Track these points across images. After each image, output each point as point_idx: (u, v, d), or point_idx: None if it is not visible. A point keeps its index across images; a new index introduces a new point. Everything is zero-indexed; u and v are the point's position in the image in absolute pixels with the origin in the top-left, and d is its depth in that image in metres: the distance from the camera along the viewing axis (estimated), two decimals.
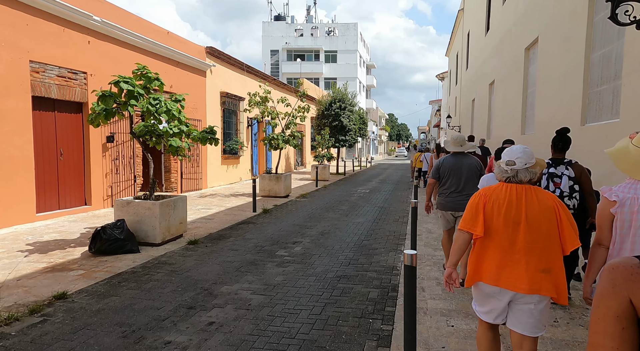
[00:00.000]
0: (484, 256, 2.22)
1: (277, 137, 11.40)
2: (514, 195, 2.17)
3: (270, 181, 11.50)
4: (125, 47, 9.73)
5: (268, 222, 8.00)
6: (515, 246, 2.13)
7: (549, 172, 3.61)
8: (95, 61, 8.71)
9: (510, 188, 2.19)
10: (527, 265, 2.09)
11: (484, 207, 2.21)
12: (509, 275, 2.12)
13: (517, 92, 9.65)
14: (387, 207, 10.06)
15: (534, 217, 2.10)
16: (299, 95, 11.79)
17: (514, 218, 2.13)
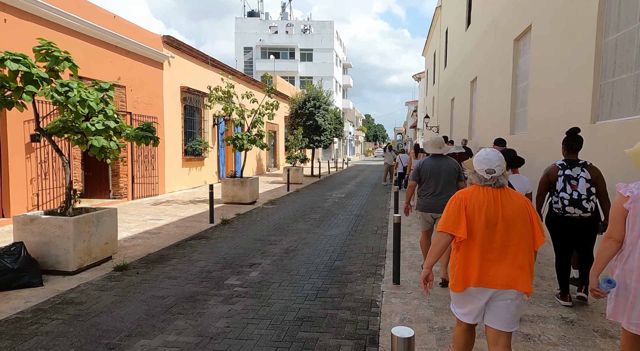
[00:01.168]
0: (469, 259, 2.27)
1: (242, 137, 10.17)
2: (491, 196, 2.27)
3: (234, 186, 10.26)
4: (59, 30, 8.28)
5: (225, 236, 6.78)
6: (492, 245, 2.22)
7: (565, 174, 3.48)
8: (15, 45, 7.24)
9: (487, 191, 2.29)
10: (504, 262, 2.20)
11: (465, 209, 2.28)
12: (487, 273, 2.21)
13: (504, 88, 8.81)
14: (364, 215, 9.02)
15: (510, 216, 2.21)
16: (267, 91, 10.61)
17: (492, 219, 2.23)
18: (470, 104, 13.15)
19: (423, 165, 4.59)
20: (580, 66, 5.25)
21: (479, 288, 2.23)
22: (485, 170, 2.28)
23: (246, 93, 10.28)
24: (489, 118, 10.26)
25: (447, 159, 4.61)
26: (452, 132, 17.47)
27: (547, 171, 3.69)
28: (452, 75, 17.50)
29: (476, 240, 2.24)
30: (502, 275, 2.19)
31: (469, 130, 13.28)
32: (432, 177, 4.50)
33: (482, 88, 11.22)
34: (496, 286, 2.20)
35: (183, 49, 12.84)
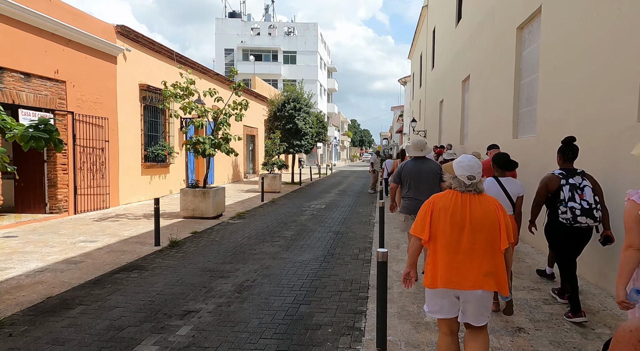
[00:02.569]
0: (436, 260, 2.37)
1: (204, 141, 8.76)
2: (459, 201, 2.35)
3: (194, 197, 8.83)
4: None
5: (167, 264, 5.37)
6: (460, 247, 2.30)
7: (569, 183, 3.40)
8: None
9: (456, 195, 2.37)
10: (471, 265, 2.28)
11: (432, 213, 2.40)
12: (455, 275, 2.28)
13: (504, 85, 7.66)
14: (345, 233, 7.71)
15: (477, 220, 2.29)
16: (233, 88, 9.24)
17: (458, 223, 2.31)
18: (462, 106, 12.03)
19: (404, 167, 4.65)
20: (619, 48, 4.06)
21: (447, 289, 2.32)
22: (467, 176, 2.34)
23: (209, 91, 8.89)
24: (485, 120, 9.11)
25: (429, 161, 4.66)
26: (441, 136, 16.38)
27: (546, 181, 3.60)
28: (440, 76, 16.45)
29: (442, 242, 2.35)
30: (470, 277, 2.27)
31: (460, 134, 12.15)
32: (414, 179, 4.56)
33: (476, 88, 10.10)
34: (464, 287, 2.27)
35: (142, 42, 11.39)
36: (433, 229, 2.38)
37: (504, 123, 7.64)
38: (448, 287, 2.30)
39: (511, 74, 7.27)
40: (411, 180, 4.58)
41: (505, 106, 7.63)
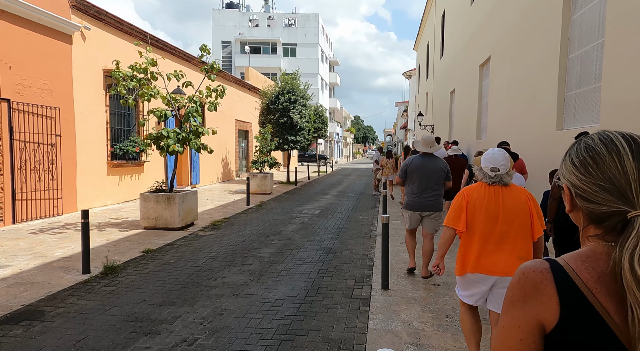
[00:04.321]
0: (469, 248, 2.52)
1: (168, 135, 7.16)
2: (492, 192, 2.47)
3: (156, 204, 7.23)
4: None
5: (80, 308, 3.78)
6: (492, 236, 2.43)
7: None
8: None
9: (489, 188, 2.49)
10: (502, 252, 2.40)
11: (467, 205, 2.52)
12: (486, 262, 2.43)
13: (543, 62, 6.00)
14: (339, 250, 6.10)
15: (510, 210, 2.40)
16: (205, 71, 7.61)
17: (492, 213, 2.43)
18: (479, 94, 10.35)
19: (411, 163, 4.57)
20: None
21: (478, 274, 2.46)
22: (490, 168, 2.44)
23: (175, 73, 7.27)
24: (512, 109, 7.44)
25: (436, 159, 4.60)
26: (451, 131, 14.70)
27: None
28: (450, 64, 14.75)
29: (476, 232, 2.48)
30: (501, 264, 2.39)
31: (476, 128, 10.48)
32: (419, 176, 4.51)
33: (499, 71, 8.42)
34: (495, 274, 2.41)
35: (107, 21, 9.77)
36: (469, 220, 2.51)
37: (543, 111, 5.98)
38: (478, 272, 2.44)
39: (554, 46, 5.60)
40: (417, 176, 4.51)
41: (543, 90, 5.97)
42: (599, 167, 0.78)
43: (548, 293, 0.76)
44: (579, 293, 0.74)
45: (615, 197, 0.76)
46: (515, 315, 0.79)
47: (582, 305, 0.74)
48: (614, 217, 0.76)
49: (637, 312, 0.68)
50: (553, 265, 0.79)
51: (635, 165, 0.75)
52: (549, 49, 5.80)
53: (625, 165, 0.75)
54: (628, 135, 0.79)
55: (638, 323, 0.68)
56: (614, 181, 0.76)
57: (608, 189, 0.76)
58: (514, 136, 7.22)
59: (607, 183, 0.77)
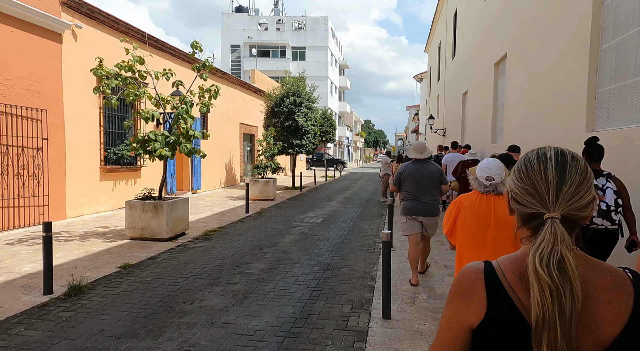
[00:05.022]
0: (461, 255, 2.61)
1: (156, 138, 6.64)
2: (484, 201, 2.53)
3: (143, 213, 6.70)
4: None
5: (22, 342, 3.22)
6: (485, 244, 2.47)
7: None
8: None
9: (481, 196, 2.56)
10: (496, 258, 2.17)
11: (457, 213, 2.63)
12: None
13: (569, 55, 5.32)
14: (337, 266, 5.46)
15: (501, 219, 2.42)
16: (196, 69, 7.07)
17: (484, 221, 2.49)
18: (494, 94, 9.63)
19: (404, 170, 4.67)
20: None
21: None
22: (485, 177, 2.53)
23: (164, 72, 6.76)
24: (532, 110, 6.73)
25: (429, 164, 4.66)
26: (464, 134, 13.96)
27: None
28: (463, 65, 14.03)
29: (469, 239, 2.54)
30: None
31: (492, 131, 9.75)
32: (413, 182, 4.57)
33: (516, 68, 7.72)
34: None
35: (100, 19, 9.36)
36: (459, 226, 2.60)
37: (570, 111, 5.27)
38: None
39: (583, 37, 4.91)
40: (411, 182, 4.60)
41: (570, 87, 5.27)
42: (528, 173, 0.89)
43: (478, 290, 0.86)
44: (502, 291, 0.84)
45: (536, 200, 0.86)
46: (452, 307, 0.89)
47: (504, 300, 0.84)
48: (535, 219, 0.86)
49: (532, 296, 0.78)
50: (487, 266, 0.90)
51: (556, 174, 0.85)
52: (576, 41, 5.11)
53: (547, 173, 0.86)
54: (560, 150, 0.90)
55: (534, 302, 0.77)
56: (536, 186, 0.87)
57: (532, 193, 0.87)
58: (535, 139, 6.51)
59: (532, 188, 0.87)
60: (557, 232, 0.80)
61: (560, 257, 0.78)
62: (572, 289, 0.76)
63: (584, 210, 0.84)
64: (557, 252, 0.78)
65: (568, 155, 0.87)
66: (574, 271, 0.77)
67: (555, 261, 0.78)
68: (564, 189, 0.83)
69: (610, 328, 0.78)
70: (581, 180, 0.84)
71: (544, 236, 0.81)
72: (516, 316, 0.81)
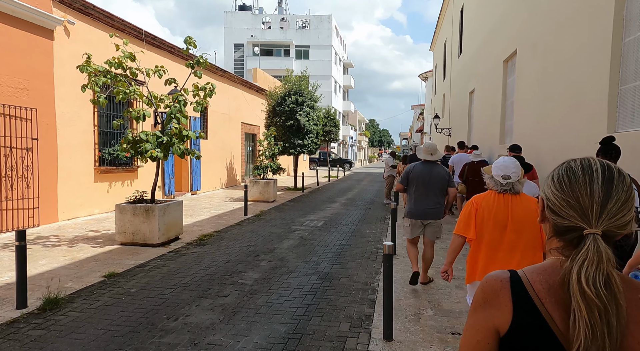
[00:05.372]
0: (477, 256, 2.57)
1: (148, 139, 6.32)
2: (502, 201, 2.49)
3: (134, 217, 6.39)
4: None
5: None
6: (501, 245, 2.44)
7: None
8: None
9: (497, 196, 2.51)
10: (511, 261, 2.38)
11: (476, 213, 2.56)
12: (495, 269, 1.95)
13: (588, 49, 4.92)
14: (336, 276, 5.10)
15: (519, 220, 2.39)
16: (190, 66, 6.73)
17: (501, 221, 2.45)
18: (503, 93, 9.22)
19: (413, 170, 4.56)
20: None
21: None
22: (502, 175, 2.47)
23: (156, 69, 6.43)
24: (545, 108, 6.33)
25: (438, 166, 4.56)
26: (470, 134, 13.54)
27: None
28: (470, 62, 13.61)
29: (485, 240, 2.51)
30: None
31: (500, 131, 9.34)
32: (421, 183, 4.48)
33: (528, 64, 7.31)
34: None
35: (95, 15, 9.06)
36: (478, 228, 2.52)
37: (589, 110, 4.88)
38: None
39: (604, 30, 4.51)
40: (419, 183, 4.50)
41: (589, 83, 4.87)
42: (571, 185, 0.84)
43: (505, 299, 0.84)
44: (530, 302, 0.82)
45: (577, 213, 0.82)
46: (477, 317, 0.87)
47: (531, 311, 0.81)
48: (572, 232, 0.83)
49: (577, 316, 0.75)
50: (513, 275, 0.87)
51: (602, 189, 0.81)
52: (596, 33, 4.71)
53: (593, 188, 0.82)
54: (606, 164, 0.86)
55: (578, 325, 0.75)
56: (580, 199, 0.83)
57: (573, 206, 0.83)
58: (549, 140, 6.11)
59: (574, 201, 0.83)
60: (601, 250, 0.78)
61: (607, 276, 0.77)
62: (618, 308, 0.75)
63: (624, 228, 0.82)
64: (603, 271, 0.77)
65: (615, 171, 0.84)
66: (620, 291, 0.76)
67: (602, 280, 0.76)
68: (609, 206, 0.81)
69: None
70: (627, 197, 0.82)
71: (588, 253, 0.78)
72: (543, 328, 0.80)
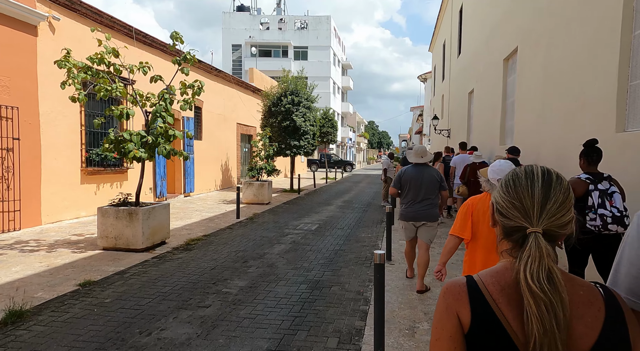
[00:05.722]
0: (474, 257, 2.56)
1: (131, 138, 6.02)
2: None
3: (117, 220, 6.08)
4: None
5: None
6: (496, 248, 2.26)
7: (598, 189, 3.21)
8: None
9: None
10: None
11: (472, 214, 2.57)
12: None
13: (595, 43, 4.64)
14: (327, 285, 4.80)
15: None
16: (177, 62, 6.42)
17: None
18: (503, 92, 8.95)
19: (404, 173, 4.62)
20: None
21: None
22: (497, 179, 2.46)
23: (140, 65, 6.14)
24: (547, 108, 6.05)
25: (429, 168, 4.62)
26: (470, 135, 13.27)
27: (572, 185, 3.07)
28: (469, 62, 13.34)
29: (480, 242, 2.51)
30: None
31: (500, 132, 9.06)
32: (413, 186, 4.53)
33: (530, 63, 7.04)
34: None
35: (82, 12, 8.77)
36: (473, 229, 2.55)
37: (596, 109, 4.59)
38: None
39: (612, 23, 4.23)
40: (411, 186, 4.55)
41: (596, 80, 4.59)
42: (515, 188, 0.92)
43: (464, 303, 0.88)
44: (485, 304, 0.87)
45: (521, 214, 0.89)
46: (445, 326, 0.90)
47: (487, 313, 0.86)
48: (518, 232, 0.90)
49: (529, 312, 0.80)
50: (469, 280, 0.92)
51: (541, 191, 0.89)
52: (603, 27, 4.43)
53: (534, 190, 0.90)
54: (546, 169, 0.94)
55: (531, 323, 0.79)
56: (522, 201, 0.90)
57: (517, 207, 0.90)
58: (552, 141, 5.82)
59: (518, 202, 0.90)
60: (542, 246, 0.84)
61: (548, 270, 0.82)
62: (562, 300, 0.80)
63: (564, 228, 0.88)
64: (545, 266, 0.82)
65: (553, 174, 0.92)
66: (561, 283, 0.81)
67: (544, 275, 0.81)
68: (548, 206, 0.88)
69: (583, 341, 0.81)
70: (564, 199, 0.89)
71: (530, 251, 0.84)
72: (498, 328, 0.84)
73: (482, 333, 0.84)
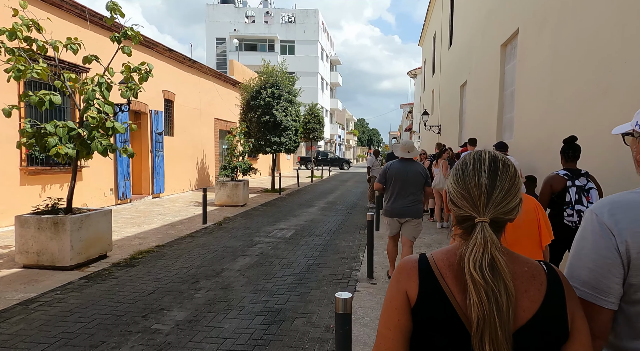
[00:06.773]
0: None
1: (55, 131, 4.92)
2: None
3: (39, 232, 4.97)
4: None
5: None
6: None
7: (575, 185, 3.30)
8: None
9: None
10: None
11: None
12: None
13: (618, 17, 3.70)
14: (291, 315, 3.78)
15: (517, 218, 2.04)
16: (115, 40, 5.31)
17: None
18: (501, 82, 8.01)
19: (390, 168, 4.57)
20: None
21: None
22: None
23: (68, 41, 5.04)
24: (559, 95, 5.11)
25: (415, 164, 4.58)
26: (462, 131, 12.36)
27: (550, 182, 3.43)
28: (462, 52, 12.42)
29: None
30: None
31: (497, 127, 8.13)
32: (398, 181, 4.48)
33: (534, 46, 6.09)
34: None
35: None
36: None
37: (621, 96, 3.64)
38: None
39: None
40: (396, 181, 4.49)
41: (621, 60, 3.64)
42: (464, 178, 0.94)
43: (413, 277, 0.92)
44: (433, 277, 0.91)
45: (469, 204, 0.92)
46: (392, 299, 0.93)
47: (433, 286, 0.90)
48: (468, 221, 0.93)
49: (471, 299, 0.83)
50: (421, 256, 0.96)
51: (487, 181, 0.91)
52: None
53: (481, 180, 0.91)
54: (493, 156, 0.95)
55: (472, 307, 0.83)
56: (470, 191, 0.92)
57: (466, 197, 0.92)
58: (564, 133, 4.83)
59: (466, 192, 0.92)
60: (486, 236, 0.87)
61: (491, 258, 0.85)
62: (505, 286, 0.83)
63: (510, 214, 0.92)
64: (488, 255, 0.85)
65: (500, 161, 0.93)
66: (504, 270, 0.84)
67: (487, 263, 0.84)
68: (494, 195, 0.90)
69: (525, 314, 0.85)
70: (510, 186, 0.91)
71: (476, 240, 0.87)
72: (444, 300, 0.87)
73: (428, 304, 0.88)
